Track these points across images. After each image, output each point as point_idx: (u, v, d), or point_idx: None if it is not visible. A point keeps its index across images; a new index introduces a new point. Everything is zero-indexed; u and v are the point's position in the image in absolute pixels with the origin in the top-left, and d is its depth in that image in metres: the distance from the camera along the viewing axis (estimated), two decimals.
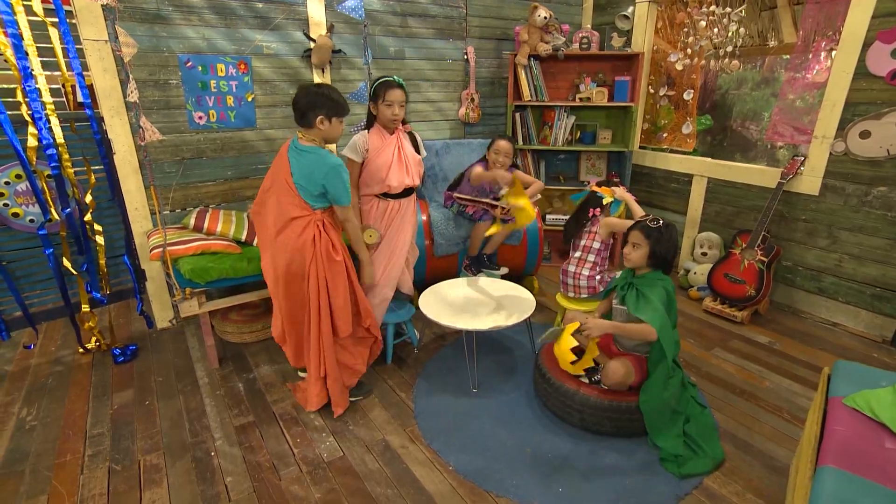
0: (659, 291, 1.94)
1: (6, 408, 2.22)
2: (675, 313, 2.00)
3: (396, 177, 2.32)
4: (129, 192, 2.60)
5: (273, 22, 2.80)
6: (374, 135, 2.29)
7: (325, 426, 2.08)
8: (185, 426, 2.10)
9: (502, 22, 3.68)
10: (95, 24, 2.35)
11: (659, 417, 1.95)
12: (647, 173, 3.79)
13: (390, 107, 2.23)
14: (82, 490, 1.77)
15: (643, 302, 1.99)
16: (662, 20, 3.49)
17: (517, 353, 2.62)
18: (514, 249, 3.27)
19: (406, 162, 2.35)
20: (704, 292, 3.19)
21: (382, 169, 2.29)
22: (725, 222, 3.32)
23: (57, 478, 1.82)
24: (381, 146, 2.28)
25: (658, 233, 1.95)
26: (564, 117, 3.65)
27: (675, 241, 1.99)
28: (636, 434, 1.97)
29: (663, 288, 1.95)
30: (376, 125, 2.30)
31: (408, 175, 2.35)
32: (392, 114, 2.24)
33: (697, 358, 2.58)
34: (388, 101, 2.23)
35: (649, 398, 1.94)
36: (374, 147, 2.28)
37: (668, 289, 1.96)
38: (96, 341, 2.66)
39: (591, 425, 1.99)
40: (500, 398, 2.24)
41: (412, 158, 2.38)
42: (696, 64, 3.33)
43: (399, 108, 2.24)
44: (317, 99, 1.92)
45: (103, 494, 1.75)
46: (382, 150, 2.28)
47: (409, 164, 2.36)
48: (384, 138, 2.30)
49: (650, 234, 1.95)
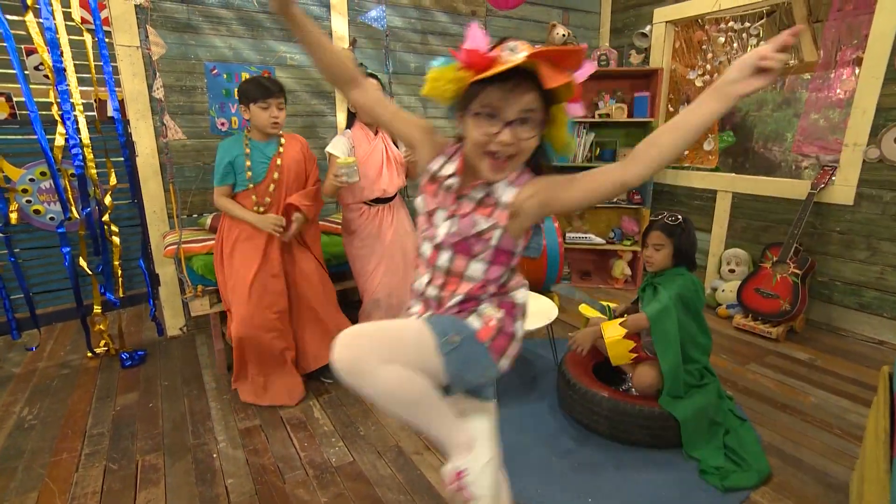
0: (676, 284, 1.84)
1: (7, 407, 2.14)
2: (698, 313, 1.87)
3: (389, 179, 2.24)
4: (149, 194, 2.60)
5: None
6: (357, 133, 2.22)
7: (335, 431, 1.95)
8: (188, 428, 1.99)
9: None
10: (129, 31, 2.42)
11: (696, 428, 1.79)
12: (668, 191, 3.71)
13: None
14: (75, 488, 1.66)
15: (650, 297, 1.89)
16: (679, 41, 3.51)
17: (538, 364, 2.48)
18: (533, 263, 3.17)
19: (395, 162, 2.28)
20: (734, 310, 3.03)
21: (373, 173, 2.21)
22: (753, 238, 3.19)
23: (50, 475, 1.72)
24: (370, 150, 2.21)
25: (679, 229, 1.86)
26: (584, 134, 3.62)
27: (694, 236, 1.91)
28: (670, 445, 1.80)
29: (681, 282, 1.85)
30: (357, 123, 2.25)
31: (399, 176, 2.30)
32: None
33: (732, 372, 2.41)
34: None
35: (684, 407, 1.78)
36: (361, 148, 2.20)
37: (687, 284, 1.84)
38: (105, 345, 2.60)
39: (620, 434, 1.82)
40: (521, 408, 2.09)
41: (397, 158, 2.30)
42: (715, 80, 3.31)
43: None
44: (239, 90, 2.00)
45: (96, 493, 1.64)
46: (371, 153, 2.22)
47: (395, 170, 2.29)
48: (370, 139, 2.23)
49: (672, 232, 1.86)
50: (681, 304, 1.83)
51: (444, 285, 1.05)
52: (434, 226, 1.05)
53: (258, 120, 2.00)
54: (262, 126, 2.02)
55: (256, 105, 1.97)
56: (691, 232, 1.89)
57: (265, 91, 1.96)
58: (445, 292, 1.05)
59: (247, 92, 1.97)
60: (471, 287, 1.03)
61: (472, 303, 1.04)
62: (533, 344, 2.72)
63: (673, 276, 1.88)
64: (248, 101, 1.97)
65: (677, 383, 1.81)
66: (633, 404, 1.81)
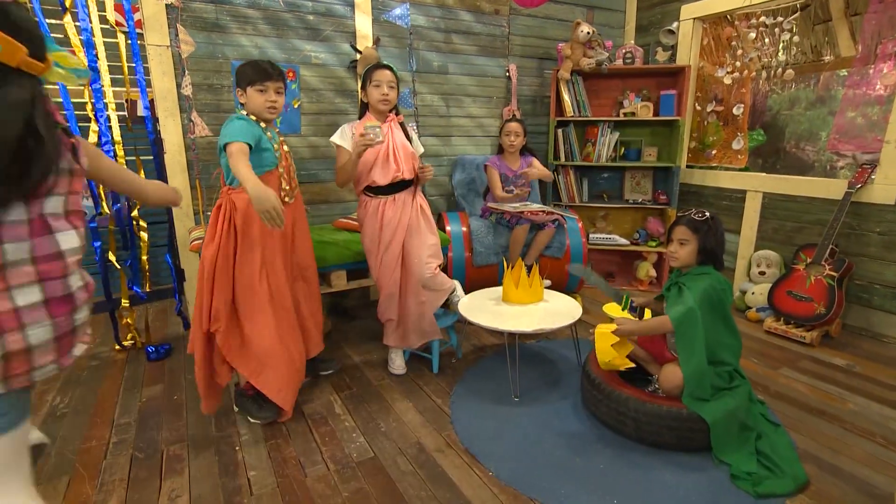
0: (702, 284, 1.79)
1: (42, 396, 2.21)
2: (726, 313, 1.82)
3: (382, 168, 2.16)
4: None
5: (322, 33, 2.91)
6: (363, 124, 2.18)
7: (356, 427, 1.95)
8: (212, 420, 2.02)
9: (544, 42, 3.72)
10: (160, 30, 2.48)
11: (726, 432, 1.73)
12: (696, 192, 3.63)
13: (378, 87, 2.13)
14: (103, 474, 1.69)
15: (675, 297, 1.84)
16: (708, 37, 3.44)
17: (562, 366, 2.44)
18: (556, 263, 3.14)
19: (395, 152, 2.19)
20: (765, 313, 2.93)
21: (368, 161, 2.16)
22: (785, 239, 3.10)
23: (80, 461, 1.76)
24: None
25: (706, 226, 1.81)
26: (608, 133, 3.58)
27: (723, 235, 1.85)
28: (699, 448, 1.75)
29: (708, 282, 1.79)
30: (367, 114, 2.23)
31: (396, 166, 2.18)
32: (381, 94, 2.13)
33: (763, 376, 2.33)
34: (375, 81, 2.14)
35: (713, 409, 1.73)
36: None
37: (714, 284, 1.79)
38: (132, 338, 2.66)
39: (647, 436, 1.78)
40: (544, 407, 2.06)
41: (403, 149, 2.22)
42: (746, 76, 3.23)
43: (388, 88, 2.14)
44: (237, 74, 1.86)
45: (123, 480, 1.67)
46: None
47: (399, 155, 2.20)
48: None
49: (698, 227, 1.81)
50: (707, 305, 1.78)
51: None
52: None
53: (254, 104, 1.84)
54: (257, 110, 1.85)
55: (253, 88, 1.82)
56: (719, 230, 1.83)
57: (264, 73, 1.83)
58: None
59: (245, 74, 1.83)
60: None
61: None
62: (556, 344, 2.68)
63: (698, 276, 1.84)
64: (245, 83, 1.83)
65: (699, 388, 1.75)
66: (661, 405, 1.76)
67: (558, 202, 3.74)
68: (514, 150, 3.13)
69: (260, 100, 1.84)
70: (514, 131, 3.08)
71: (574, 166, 3.72)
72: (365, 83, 2.18)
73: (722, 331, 1.82)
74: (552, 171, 3.67)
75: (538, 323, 2.12)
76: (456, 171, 3.48)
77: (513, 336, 2.34)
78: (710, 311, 1.79)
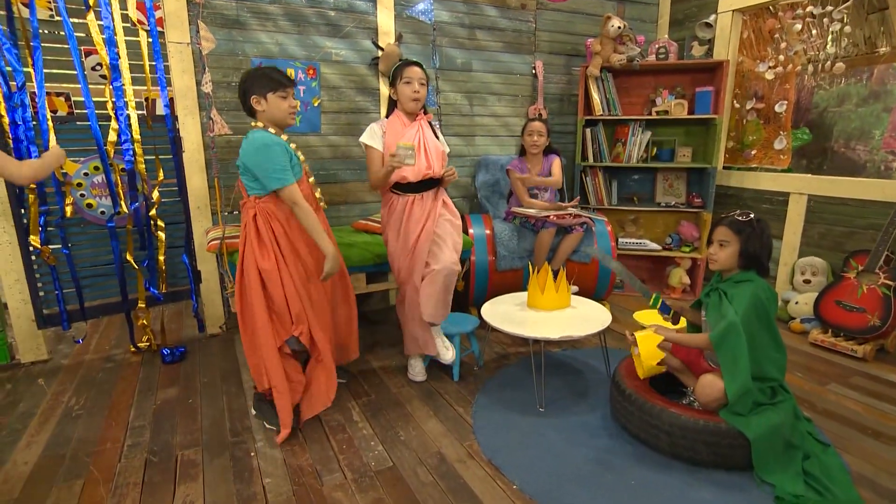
0: (745, 293, 1.73)
1: (57, 397, 2.27)
2: (771, 324, 1.76)
3: (414, 165, 2.15)
4: (194, 190, 2.72)
5: (343, 30, 2.95)
6: (393, 121, 2.23)
7: (375, 435, 1.95)
8: (227, 426, 2.04)
9: (572, 37, 3.70)
10: (180, 27, 2.56)
11: (769, 449, 1.67)
12: (734, 194, 3.55)
13: (409, 84, 2.16)
14: (118, 477, 1.72)
15: (715, 305, 1.79)
16: (748, 30, 3.37)
17: (590, 376, 2.40)
18: (584, 269, 3.10)
19: (427, 150, 2.22)
20: (810, 324, 2.84)
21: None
22: (833, 245, 3.00)
23: (95, 464, 1.80)
24: (400, 133, 2.19)
25: (750, 227, 1.76)
26: (639, 132, 3.53)
27: (769, 240, 1.79)
28: (740, 466, 1.69)
29: (752, 291, 1.73)
30: (396, 112, 2.25)
31: (428, 164, 2.21)
32: (412, 91, 2.15)
33: (809, 392, 2.25)
34: (406, 78, 2.16)
35: (756, 425, 1.68)
36: (393, 132, 2.20)
37: (758, 293, 1.73)
38: (147, 340, 2.72)
39: (682, 451, 1.73)
40: (571, 419, 2.03)
41: (434, 147, 2.25)
42: (789, 71, 3.15)
43: (419, 85, 2.16)
44: (246, 83, 1.86)
45: (137, 484, 1.69)
46: (401, 137, 2.17)
47: (430, 152, 2.22)
48: (405, 125, 2.22)
49: (740, 229, 1.76)
50: (752, 316, 1.73)
51: None
52: None
53: (278, 111, 1.87)
54: (280, 116, 1.88)
55: (276, 94, 1.85)
56: (764, 233, 1.78)
57: (285, 79, 1.88)
58: None
59: (263, 81, 1.85)
60: None
61: None
62: (583, 353, 2.64)
63: (741, 283, 1.78)
64: (264, 90, 1.85)
65: (745, 407, 1.70)
66: (697, 419, 1.71)
67: (586, 205, 3.70)
68: (537, 151, 3.11)
69: (284, 105, 1.88)
70: (536, 131, 3.06)
71: (603, 167, 3.68)
72: (395, 80, 2.20)
73: (767, 343, 1.76)
74: (579, 172, 3.65)
75: (565, 330, 2.10)
76: (479, 172, 3.48)
77: (538, 343, 2.32)
78: (754, 322, 1.73)
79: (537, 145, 3.07)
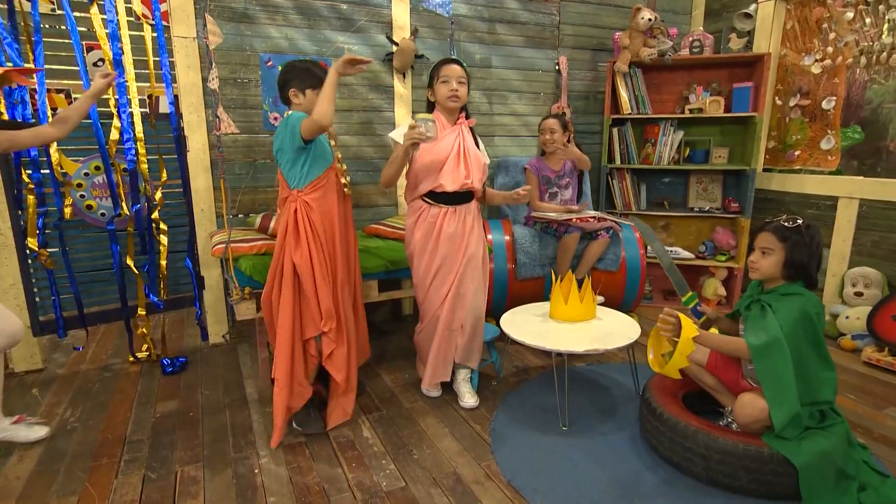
0: (792, 308, 1.70)
1: (52, 408, 2.31)
2: (820, 342, 1.72)
3: (453, 172, 2.13)
4: (198, 191, 2.77)
5: (356, 24, 2.99)
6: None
7: (386, 452, 1.96)
8: (229, 440, 2.06)
9: (599, 31, 3.71)
10: (186, 21, 2.62)
11: (819, 478, 1.63)
12: (775, 198, 3.51)
13: (447, 83, 2.11)
14: (114, 495, 1.75)
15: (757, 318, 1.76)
16: (792, 20, 3.34)
17: (617, 392, 2.38)
18: (611, 277, 3.08)
19: (466, 157, 2.17)
20: (863, 341, 2.78)
21: (437, 162, 2.13)
22: (889, 254, 2.94)
23: (90, 480, 1.82)
24: (439, 136, 2.13)
25: (796, 234, 1.72)
26: (671, 132, 3.51)
27: (819, 248, 1.75)
28: (785, 496, 1.65)
29: (800, 306, 1.70)
30: (435, 114, 2.20)
31: (467, 173, 2.16)
32: (449, 90, 2.11)
33: (863, 416, 2.20)
34: (443, 76, 2.12)
35: (804, 451, 1.64)
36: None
37: (807, 308, 1.70)
38: (147, 350, 2.76)
39: (720, 478, 1.70)
40: (597, 439, 2.01)
41: (474, 156, 2.20)
42: (839, 65, 3.11)
43: (458, 83, 2.12)
44: (288, 73, 2.01)
45: (135, 501, 1.72)
46: (440, 140, 2.13)
47: (470, 161, 2.17)
48: (443, 127, 2.17)
49: (786, 236, 1.73)
50: (801, 332, 1.69)
51: None
52: None
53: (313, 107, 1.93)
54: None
55: (315, 91, 1.98)
56: (814, 241, 1.74)
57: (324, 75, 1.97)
58: None
59: (304, 76, 1.98)
60: None
61: None
62: (609, 368, 2.62)
63: (787, 295, 1.75)
64: (304, 85, 1.98)
65: (792, 432, 1.66)
66: (737, 442, 1.68)
67: (612, 209, 3.68)
68: (553, 150, 3.10)
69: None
70: (549, 128, 3.03)
71: (631, 169, 3.66)
72: (432, 80, 2.19)
73: (815, 362, 1.72)
74: (605, 174, 3.64)
75: (590, 343, 2.09)
76: (499, 174, 3.49)
77: (561, 357, 2.31)
78: (801, 340, 1.69)
79: (553, 142, 3.04)
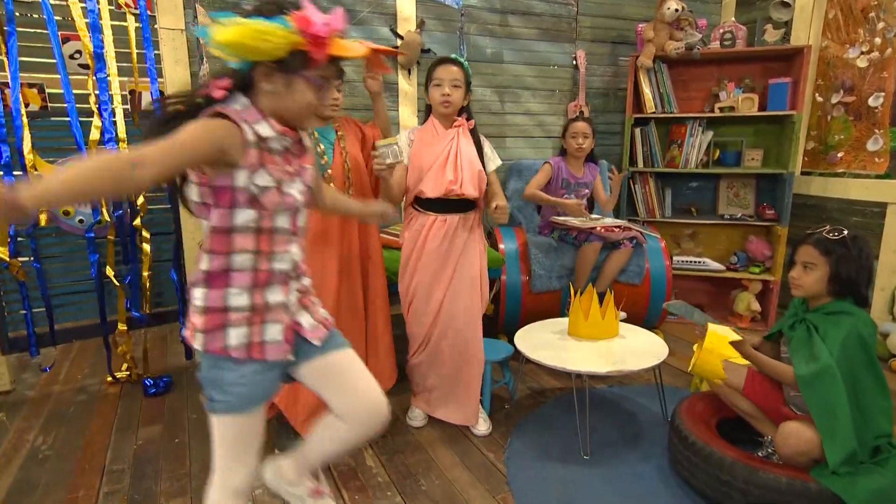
0: (841, 329, 1.69)
1: (21, 434, 2.31)
2: (874, 365, 1.71)
3: (435, 177, 2.13)
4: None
5: (358, 15, 3.03)
6: (426, 128, 2.22)
7: (391, 483, 1.95)
8: None
9: (620, 23, 3.74)
10: (174, 11, 2.65)
11: None
12: (815, 205, 3.51)
13: (439, 87, 2.12)
14: None
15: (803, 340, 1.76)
16: (835, 9, 3.36)
17: (643, 418, 2.38)
18: (634, 291, 3.09)
19: (456, 162, 2.15)
20: None
21: (424, 168, 2.16)
22: None
23: None
24: (431, 141, 2.18)
25: (842, 247, 1.72)
26: (699, 133, 3.53)
27: (869, 261, 1.74)
28: None
29: (851, 327, 1.69)
30: (430, 119, 2.23)
31: (454, 178, 2.13)
32: (441, 94, 2.11)
33: None
34: (436, 79, 2.13)
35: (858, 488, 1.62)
36: (423, 142, 2.19)
37: (859, 328, 1.69)
38: (127, 369, 2.76)
39: None
40: (622, 469, 2.01)
41: (467, 161, 2.17)
42: (888, 57, 3.12)
43: (451, 87, 2.11)
44: None
45: None
46: (431, 145, 2.16)
47: (461, 166, 2.15)
48: (436, 133, 2.19)
49: (830, 249, 1.73)
50: (855, 356, 1.68)
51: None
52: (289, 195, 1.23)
53: None
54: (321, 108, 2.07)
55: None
56: (862, 254, 1.73)
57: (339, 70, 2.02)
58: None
59: None
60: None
61: None
62: (634, 391, 2.62)
63: (834, 314, 1.74)
64: None
65: (847, 470, 1.65)
66: (779, 476, 1.67)
67: (634, 217, 3.69)
68: (582, 155, 3.11)
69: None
70: (581, 132, 3.04)
71: (655, 173, 3.68)
72: (426, 83, 2.21)
73: (871, 389, 1.71)
74: (627, 179, 3.65)
75: (613, 363, 2.09)
76: (511, 178, 3.50)
77: (581, 378, 2.30)
78: (856, 365, 1.68)
79: (583, 148, 3.05)
